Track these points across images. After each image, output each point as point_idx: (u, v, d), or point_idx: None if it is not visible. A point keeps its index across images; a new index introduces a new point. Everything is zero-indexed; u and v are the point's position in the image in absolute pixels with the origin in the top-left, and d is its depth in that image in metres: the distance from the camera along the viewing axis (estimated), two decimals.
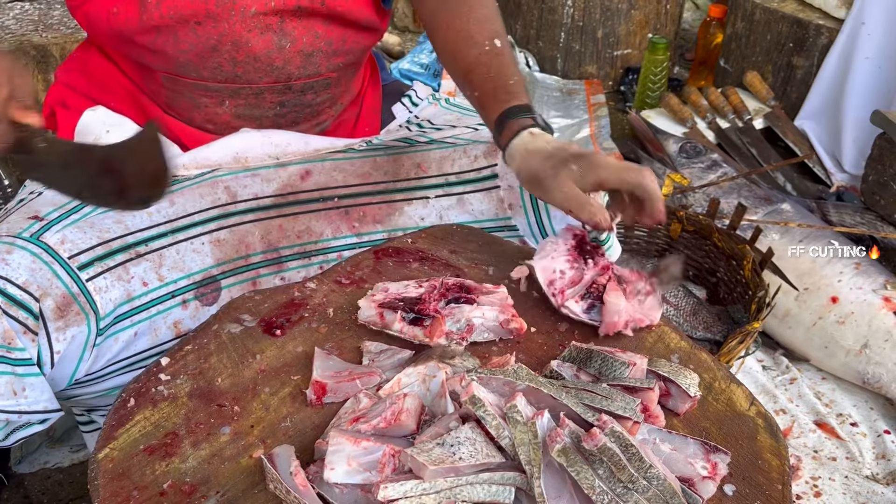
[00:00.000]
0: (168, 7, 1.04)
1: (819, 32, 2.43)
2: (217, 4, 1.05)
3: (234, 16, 1.06)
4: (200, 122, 1.18)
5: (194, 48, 1.07)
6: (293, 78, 1.15)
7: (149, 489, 0.76)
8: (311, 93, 1.19)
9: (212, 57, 1.09)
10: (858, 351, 1.68)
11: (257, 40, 1.09)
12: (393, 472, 0.73)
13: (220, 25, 1.06)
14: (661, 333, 0.99)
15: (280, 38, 1.10)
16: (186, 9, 1.04)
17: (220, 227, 1.13)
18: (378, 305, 0.96)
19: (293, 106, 1.19)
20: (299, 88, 1.17)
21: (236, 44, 1.08)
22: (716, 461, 0.77)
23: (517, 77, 1.12)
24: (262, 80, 1.13)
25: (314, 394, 0.86)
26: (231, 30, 1.07)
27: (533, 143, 1.02)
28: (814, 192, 2.30)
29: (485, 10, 1.19)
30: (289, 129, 1.22)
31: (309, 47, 1.13)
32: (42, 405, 0.93)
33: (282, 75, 1.13)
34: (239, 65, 1.10)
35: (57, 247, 0.97)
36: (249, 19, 1.07)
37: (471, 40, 1.15)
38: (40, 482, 1.44)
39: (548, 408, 0.75)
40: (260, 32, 1.08)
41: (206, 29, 1.06)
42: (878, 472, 1.52)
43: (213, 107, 1.15)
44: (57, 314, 0.94)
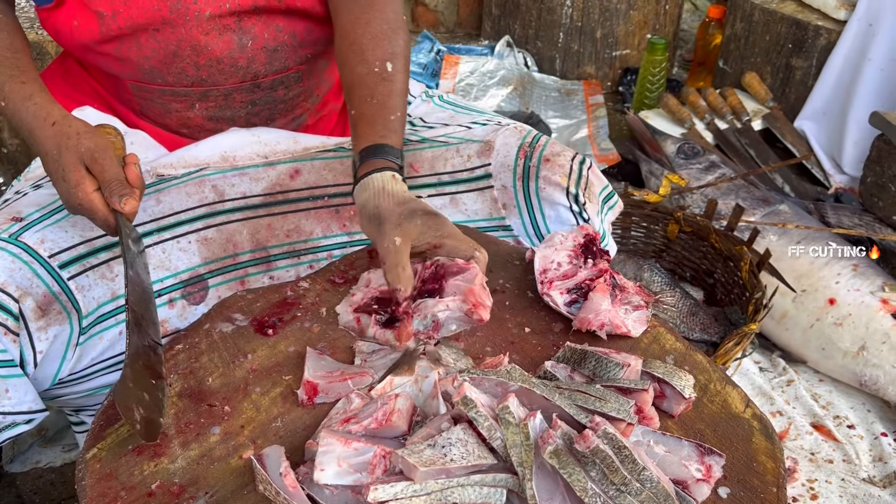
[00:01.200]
0: (124, 18, 1.04)
1: (818, 33, 2.43)
2: (171, 11, 1.04)
3: (189, 21, 1.05)
4: (175, 126, 1.18)
5: (156, 54, 1.07)
6: (260, 76, 1.14)
7: (136, 489, 0.76)
8: (281, 88, 1.18)
9: (174, 62, 1.08)
10: (856, 353, 1.68)
11: (216, 42, 1.08)
12: (384, 474, 0.72)
13: (177, 31, 1.06)
14: (657, 335, 0.98)
15: (240, 36, 1.09)
16: (141, 18, 1.04)
17: (207, 226, 1.12)
18: (353, 310, 0.96)
19: (265, 103, 1.18)
20: (268, 85, 1.16)
21: (196, 48, 1.08)
22: (710, 463, 0.77)
23: (399, 113, 1.07)
24: (229, 81, 1.13)
25: (305, 394, 0.85)
26: (188, 35, 1.06)
27: (392, 186, 0.98)
28: (812, 194, 2.29)
29: (384, 26, 1.11)
30: (264, 127, 1.21)
31: (272, 42, 1.11)
32: (27, 406, 0.92)
33: (248, 74, 1.13)
34: (202, 68, 1.10)
35: (36, 246, 0.96)
36: (205, 23, 1.06)
37: (361, 56, 1.09)
38: (32, 481, 1.43)
39: (540, 409, 0.74)
40: (218, 34, 1.08)
41: (165, 35, 1.06)
42: (875, 475, 1.51)
43: (184, 111, 1.15)
44: (38, 314, 0.93)
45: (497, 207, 1.21)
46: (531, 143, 1.21)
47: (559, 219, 1.18)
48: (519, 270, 1.09)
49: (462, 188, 1.22)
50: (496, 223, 1.22)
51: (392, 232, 0.94)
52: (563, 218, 1.18)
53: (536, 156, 1.19)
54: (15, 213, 1.01)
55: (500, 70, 2.87)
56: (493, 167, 1.21)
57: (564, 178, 1.17)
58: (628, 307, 0.98)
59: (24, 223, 0.99)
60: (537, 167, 1.18)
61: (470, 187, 1.22)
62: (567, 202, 1.17)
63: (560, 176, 1.17)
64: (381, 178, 0.99)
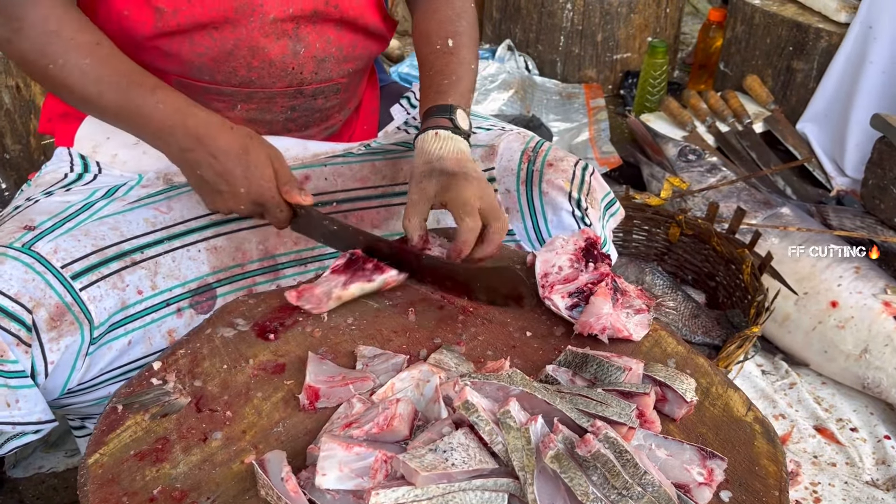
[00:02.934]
0: (185, 16, 1.03)
1: (819, 36, 2.43)
2: (236, 11, 1.04)
3: (252, 22, 1.06)
4: None
5: (210, 52, 1.07)
6: (305, 83, 1.15)
7: (138, 495, 0.76)
8: (321, 98, 1.19)
9: (227, 61, 1.09)
10: (858, 355, 1.67)
11: (273, 46, 1.09)
12: (385, 479, 0.72)
13: (237, 31, 1.06)
14: (658, 338, 0.98)
15: (295, 43, 1.10)
16: (204, 17, 1.04)
17: (216, 234, 1.12)
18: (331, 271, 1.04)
19: (304, 110, 1.19)
20: (310, 93, 1.17)
21: (253, 49, 1.08)
22: (712, 467, 0.77)
23: (456, 76, 1.16)
24: (276, 85, 1.13)
25: (307, 398, 0.85)
26: (248, 35, 1.07)
27: (426, 144, 1.08)
28: (813, 196, 2.29)
29: (449, 12, 1.22)
30: (298, 134, 1.22)
31: (322, 53, 1.13)
32: (36, 416, 0.91)
33: (294, 80, 1.14)
34: (254, 70, 1.10)
35: (49, 256, 0.96)
36: (268, 25, 1.07)
37: (427, 39, 1.21)
38: (35, 487, 1.44)
39: (542, 413, 0.74)
40: (276, 38, 1.08)
41: (224, 34, 1.06)
42: (878, 478, 1.51)
43: (225, 111, 1.14)
44: (50, 324, 0.93)
45: None
46: (534, 148, 1.22)
47: (561, 224, 1.18)
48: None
49: None
50: None
51: (412, 189, 1.04)
52: (564, 223, 1.18)
53: (540, 160, 1.20)
54: (27, 222, 1.00)
55: (501, 74, 2.87)
56: (497, 171, 1.22)
57: (567, 182, 1.17)
58: (630, 311, 0.98)
59: (36, 232, 0.98)
60: (541, 171, 1.18)
61: None
62: (570, 207, 1.17)
63: (563, 181, 1.17)
64: (422, 139, 1.09)
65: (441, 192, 1.02)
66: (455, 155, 1.06)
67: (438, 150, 1.06)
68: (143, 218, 1.07)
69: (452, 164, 1.05)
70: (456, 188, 1.01)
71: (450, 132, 1.08)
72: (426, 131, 1.09)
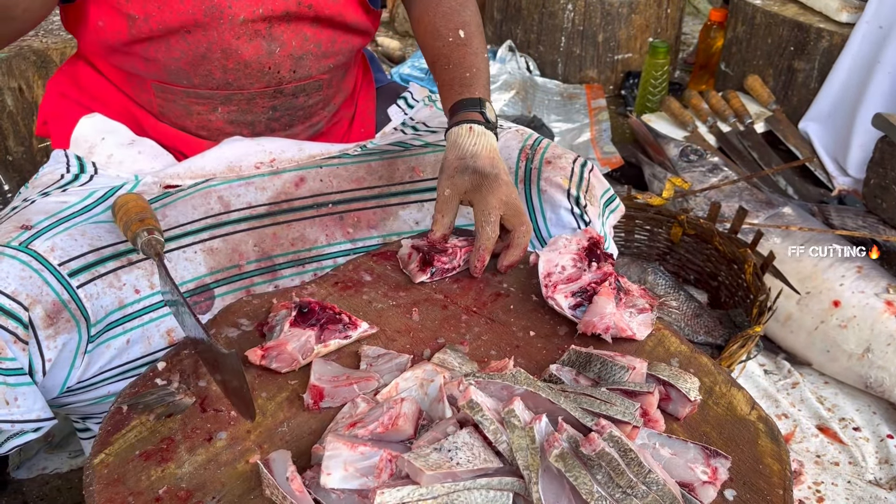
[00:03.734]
0: (156, 21, 1.04)
1: (820, 36, 2.43)
2: (205, 14, 1.05)
3: (222, 24, 1.06)
4: (194, 128, 1.18)
5: (185, 56, 1.08)
6: (284, 82, 1.15)
7: (144, 495, 0.76)
8: (302, 96, 1.19)
9: (202, 64, 1.09)
10: (861, 355, 1.67)
11: (246, 47, 1.09)
12: (390, 478, 0.72)
13: (209, 34, 1.07)
14: (661, 337, 0.98)
15: (269, 43, 1.10)
16: (174, 21, 1.04)
17: (212, 237, 1.12)
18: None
19: (286, 109, 1.19)
20: (291, 92, 1.17)
21: (226, 51, 1.09)
22: (716, 466, 0.77)
23: (476, 68, 1.16)
24: (254, 86, 1.13)
25: (311, 398, 0.85)
26: (220, 38, 1.07)
27: (461, 138, 1.09)
28: (815, 196, 2.29)
29: (452, 3, 1.23)
30: (282, 133, 1.22)
31: (298, 51, 1.13)
32: (35, 414, 0.92)
33: (273, 80, 1.14)
34: (229, 72, 1.11)
35: (47, 254, 0.96)
36: (238, 27, 1.07)
37: (436, 33, 1.21)
38: (38, 488, 1.44)
39: (546, 412, 0.74)
40: (248, 39, 1.09)
41: (196, 37, 1.07)
42: (881, 477, 1.51)
43: (206, 114, 1.15)
44: (47, 322, 0.93)
45: None
46: (532, 146, 1.22)
47: (560, 221, 1.18)
48: (523, 274, 1.09)
49: None
50: None
51: (444, 184, 1.06)
52: (564, 220, 1.18)
53: (538, 158, 1.20)
54: (24, 221, 1.00)
55: (502, 74, 2.87)
56: None
57: (566, 180, 1.17)
58: (633, 310, 0.98)
59: (33, 231, 0.99)
60: (539, 169, 1.18)
61: None
62: (568, 204, 1.17)
63: (561, 178, 1.17)
64: (456, 132, 1.10)
65: (471, 191, 1.05)
66: (488, 153, 1.08)
67: (472, 146, 1.08)
68: None
69: (485, 162, 1.06)
70: (484, 190, 1.04)
71: (483, 127, 1.10)
72: (459, 125, 1.09)
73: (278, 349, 0.90)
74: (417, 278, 1.06)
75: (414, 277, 1.06)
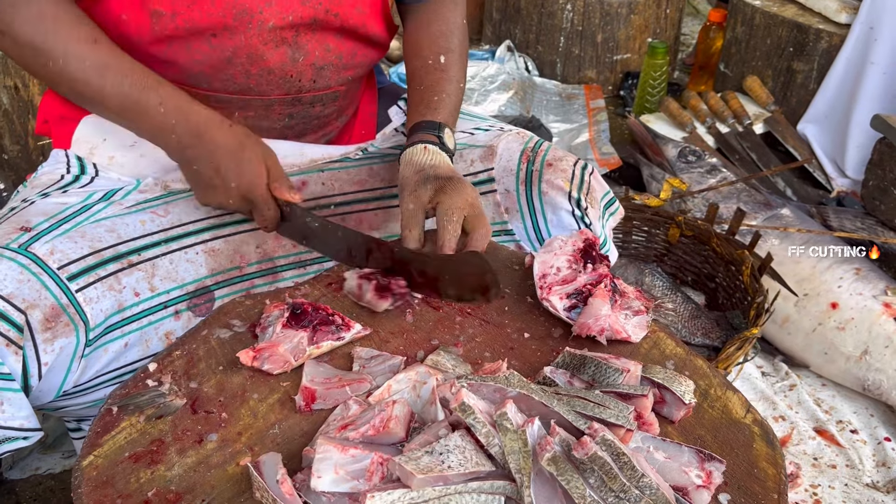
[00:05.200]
0: (184, 20, 1.02)
1: (819, 37, 2.43)
2: (235, 18, 1.04)
3: (251, 29, 1.05)
4: None
5: (208, 59, 1.06)
6: (304, 91, 1.15)
7: (133, 497, 0.75)
8: (319, 105, 1.19)
9: (225, 69, 1.08)
10: (858, 357, 1.67)
11: (272, 53, 1.08)
12: (381, 481, 0.72)
13: (235, 38, 1.05)
14: (657, 339, 0.97)
15: (294, 51, 1.10)
16: (203, 21, 1.03)
17: (214, 237, 1.11)
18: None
19: (301, 118, 1.19)
20: (308, 101, 1.17)
21: (251, 56, 1.08)
22: (711, 470, 0.76)
23: (446, 94, 1.18)
24: (273, 93, 1.13)
25: (303, 400, 0.85)
26: (247, 43, 1.06)
27: (416, 156, 1.09)
28: (814, 197, 2.28)
29: (443, 27, 1.24)
30: (295, 140, 1.21)
31: (321, 61, 1.13)
32: (18, 422, 0.90)
33: (293, 88, 1.13)
34: (252, 77, 1.10)
35: (46, 257, 0.95)
36: (266, 32, 1.06)
37: (418, 53, 1.23)
38: (31, 488, 1.43)
39: (539, 415, 0.74)
40: (275, 45, 1.08)
41: (222, 41, 1.05)
42: (879, 480, 1.50)
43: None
44: (45, 326, 0.92)
45: (500, 212, 1.21)
46: (534, 148, 1.22)
47: (561, 223, 1.18)
48: (518, 275, 1.09)
49: None
50: (498, 227, 1.22)
51: (407, 199, 1.05)
52: (564, 222, 1.18)
53: (539, 160, 1.19)
54: (23, 223, 0.99)
55: (500, 74, 2.87)
56: (496, 171, 1.21)
57: (567, 182, 1.17)
58: (628, 312, 0.98)
59: (32, 233, 0.98)
60: (540, 171, 1.18)
61: None
62: (569, 206, 1.17)
63: (563, 180, 1.17)
64: (411, 152, 1.10)
65: (433, 197, 1.04)
66: (447, 165, 1.09)
67: (430, 160, 1.08)
68: (139, 221, 1.07)
69: (446, 170, 1.07)
70: (447, 192, 1.03)
71: (437, 148, 1.10)
72: (414, 145, 1.10)
73: (270, 350, 0.89)
74: (381, 307, 1.00)
75: (377, 307, 1.00)
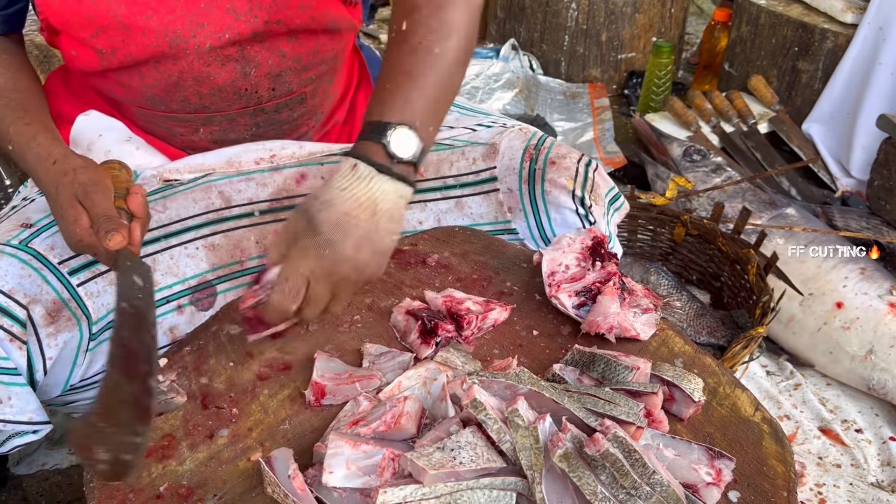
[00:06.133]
0: (124, 54, 1.02)
1: (825, 37, 2.42)
2: (170, 46, 1.02)
3: (189, 54, 1.03)
4: (179, 146, 1.17)
5: (158, 83, 1.06)
6: (263, 101, 1.12)
7: (145, 492, 0.75)
8: (285, 111, 1.16)
9: (177, 91, 1.07)
10: (864, 357, 1.67)
11: (219, 72, 1.06)
12: (392, 477, 0.72)
13: (178, 63, 1.04)
14: (665, 337, 0.97)
15: (243, 65, 1.07)
16: (141, 54, 1.02)
17: (214, 232, 1.12)
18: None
19: (269, 125, 1.17)
20: (272, 109, 1.14)
21: (198, 79, 1.06)
22: (720, 467, 0.76)
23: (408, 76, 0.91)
24: (232, 108, 1.11)
25: (313, 395, 0.85)
26: (190, 67, 1.04)
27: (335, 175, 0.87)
28: (819, 197, 2.28)
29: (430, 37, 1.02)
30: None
31: (276, 68, 1.09)
32: (27, 416, 0.91)
33: (251, 100, 1.11)
34: (205, 97, 1.08)
35: (46, 253, 0.96)
36: (206, 55, 1.04)
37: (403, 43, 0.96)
38: (38, 484, 1.43)
39: (550, 412, 0.74)
40: (220, 65, 1.05)
41: (167, 66, 1.04)
42: (884, 480, 1.50)
43: (189, 135, 1.14)
44: (48, 320, 0.92)
45: (503, 211, 1.21)
46: (536, 146, 1.21)
47: (565, 222, 1.18)
48: (527, 273, 1.09)
49: (467, 191, 1.21)
50: (501, 226, 1.22)
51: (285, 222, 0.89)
52: (568, 221, 1.18)
53: (542, 159, 1.19)
54: (24, 220, 1.00)
55: (505, 73, 2.87)
56: (499, 170, 1.21)
57: (570, 181, 1.17)
58: (637, 310, 0.98)
59: (33, 229, 0.98)
60: (543, 170, 1.18)
61: (475, 190, 1.21)
62: (573, 205, 1.17)
63: (566, 179, 1.17)
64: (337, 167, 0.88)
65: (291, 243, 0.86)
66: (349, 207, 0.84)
67: (337, 191, 0.85)
68: None
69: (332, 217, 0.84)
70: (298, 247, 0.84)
71: (372, 169, 0.86)
72: (347, 158, 0.88)
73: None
74: (423, 353, 0.91)
75: (419, 353, 0.92)
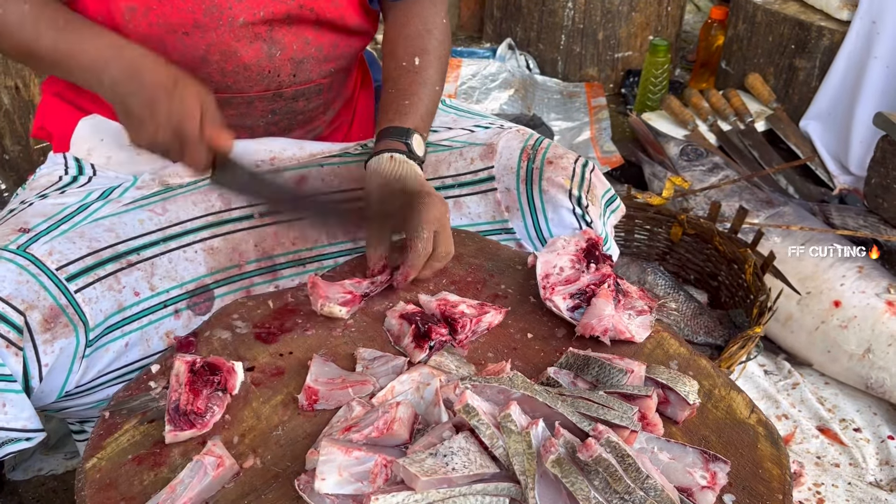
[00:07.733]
0: (156, 15, 1.03)
1: (821, 34, 2.42)
2: (205, 14, 1.04)
3: (221, 25, 1.05)
4: None
5: (183, 59, 1.06)
6: (284, 86, 1.14)
7: (136, 499, 0.75)
8: (302, 100, 1.18)
9: (201, 68, 1.08)
10: (861, 355, 1.67)
11: (246, 50, 1.08)
12: (385, 483, 0.71)
13: (207, 35, 1.05)
14: (660, 339, 0.97)
15: (270, 46, 1.09)
16: (174, 17, 1.03)
17: (213, 235, 1.11)
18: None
19: (285, 113, 1.18)
20: (290, 96, 1.16)
21: (225, 54, 1.07)
22: (715, 470, 0.76)
23: (417, 98, 1.15)
24: (253, 90, 1.12)
25: (306, 399, 0.85)
26: (219, 39, 1.06)
27: (381, 166, 1.08)
28: (816, 195, 2.28)
29: (419, 27, 1.22)
30: (281, 137, 1.21)
31: (299, 54, 1.12)
32: (21, 423, 0.90)
33: (272, 83, 1.13)
34: (228, 75, 1.09)
35: (44, 258, 0.95)
36: (238, 29, 1.06)
37: (393, 54, 1.21)
38: (34, 489, 1.43)
39: (543, 417, 0.74)
40: (249, 42, 1.08)
41: (194, 39, 1.05)
42: (882, 479, 1.50)
43: None
44: (44, 327, 0.92)
45: (500, 210, 1.21)
46: (534, 146, 1.21)
47: (561, 221, 1.18)
48: (521, 275, 1.08)
49: (465, 191, 1.21)
50: (499, 226, 1.22)
51: (373, 214, 1.05)
52: (565, 221, 1.17)
53: (539, 158, 1.19)
54: (22, 224, 0.99)
55: (502, 73, 2.86)
56: (496, 170, 1.21)
57: (567, 180, 1.17)
58: (632, 312, 0.97)
59: (31, 234, 0.98)
60: (540, 170, 1.18)
61: (473, 190, 1.21)
62: (570, 205, 1.17)
63: (563, 178, 1.17)
64: (377, 161, 1.08)
65: (400, 211, 1.03)
66: (415, 176, 1.08)
67: (396, 171, 1.07)
68: (137, 220, 1.07)
69: (413, 181, 1.06)
70: (415, 207, 1.02)
71: (404, 157, 1.09)
72: (380, 154, 1.09)
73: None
74: (416, 357, 0.91)
75: (413, 357, 0.92)
